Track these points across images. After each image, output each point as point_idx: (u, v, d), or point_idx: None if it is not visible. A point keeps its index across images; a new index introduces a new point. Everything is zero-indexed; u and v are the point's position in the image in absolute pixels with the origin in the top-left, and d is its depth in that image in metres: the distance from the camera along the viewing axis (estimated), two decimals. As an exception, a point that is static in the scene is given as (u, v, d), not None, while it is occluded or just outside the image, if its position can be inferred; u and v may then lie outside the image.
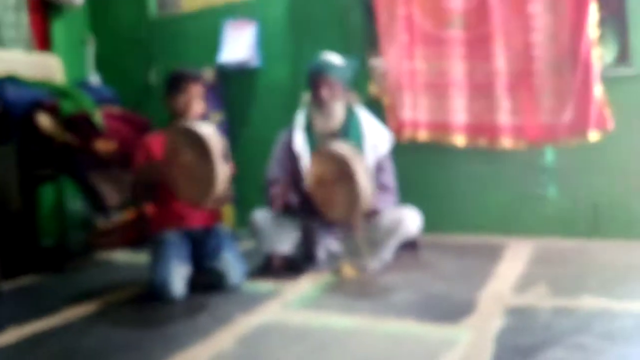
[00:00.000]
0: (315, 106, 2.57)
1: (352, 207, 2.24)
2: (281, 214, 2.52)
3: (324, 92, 2.53)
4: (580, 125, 2.57)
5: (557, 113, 2.64)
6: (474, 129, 2.81)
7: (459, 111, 2.82)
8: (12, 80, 2.89)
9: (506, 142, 2.76)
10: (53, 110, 2.75)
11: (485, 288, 2.06)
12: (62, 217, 2.94)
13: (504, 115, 2.74)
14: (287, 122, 2.73)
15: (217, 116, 3.50)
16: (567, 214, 2.82)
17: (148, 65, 3.82)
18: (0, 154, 2.82)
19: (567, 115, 2.60)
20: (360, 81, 3.03)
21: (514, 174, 2.91)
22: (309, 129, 2.61)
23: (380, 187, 2.56)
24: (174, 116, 2.38)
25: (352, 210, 2.25)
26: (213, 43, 3.55)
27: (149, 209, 2.52)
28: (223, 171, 1.97)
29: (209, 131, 2.02)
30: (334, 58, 2.59)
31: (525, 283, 2.09)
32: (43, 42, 3.63)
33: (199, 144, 1.98)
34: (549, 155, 2.81)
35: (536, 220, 2.88)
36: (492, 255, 2.57)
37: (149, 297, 2.19)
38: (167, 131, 2.15)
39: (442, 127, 2.86)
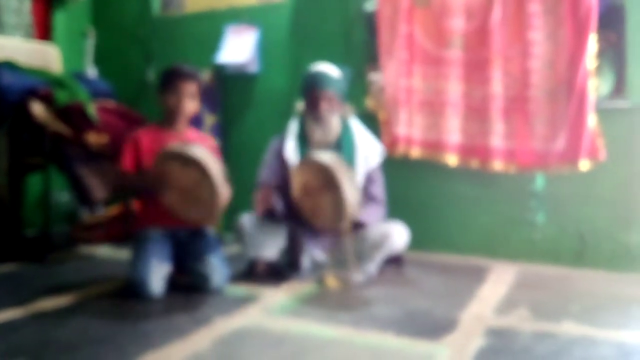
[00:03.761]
0: (312, 118, 2.57)
1: (339, 215, 2.24)
2: (265, 218, 2.51)
3: (322, 106, 2.53)
4: (572, 154, 2.58)
5: (549, 140, 2.65)
6: (467, 150, 2.83)
7: (453, 131, 2.83)
8: (8, 65, 2.86)
9: (498, 165, 2.77)
10: (47, 99, 2.72)
11: (467, 308, 2.06)
12: (47, 207, 2.90)
13: (497, 139, 2.76)
14: (282, 129, 2.73)
15: (212, 118, 3.49)
16: (554, 240, 2.83)
17: (147, 63, 3.81)
18: (-9, 140, 2.80)
19: (560, 143, 2.62)
20: (357, 94, 3.05)
21: (503, 197, 2.92)
22: (302, 137, 2.62)
23: (370, 198, 2.57)
24: (166, 114, 2.37)
25: (339, 219, 2.25)
26: (213, 45, 3.55)
27: (134, 205, 2.50)
28: (224, 193, 2.08)
29: (203, 153, 2.07)
30: (330, 69, 2.60)
31: (507, 305, 2.09)
32: (43, 31, 3.63)
33: (196, 166, 2.04)
34: (539, 182, 2.82)
35: (522, 245, 2.89)
36: (476, 276, 2.57)
37: (128, 293, 2.16)
38: (160, 153, 2.14)
39: (435, 145, 2.86)
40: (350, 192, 2.22)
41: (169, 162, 2.11)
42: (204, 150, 2.12)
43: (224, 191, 2.08)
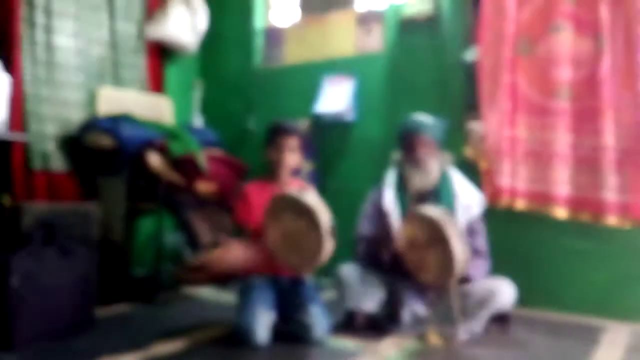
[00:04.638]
0: (410, 165, 2.57)
1: (446, 271, 2.21)
2: (366, 267, 2.52)
3: (420, 151, 2.54)
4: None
5: (667, 195, 2.50)
6: (577, 203, 2.71)
7: (562, 183, 2.73)
8: (127, 118, 3.12)
9: (611, 219, 2.63)
10: (162, 150, 2.92)
11: (584, 376, 1.94)
12: (158, 250, 3.08)
13: (610, 192, 2.62)
14: (377, 178, 2.74)
15: (309, 165, 3.58)
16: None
17: (248, 112, 4.01)
18: (111, 185, 3.03)
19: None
20: (456, 143, 3.02)
21: (615, 252, 2.75)
22: (400, 188, 2.62)
23: (473, 251, 2.50)
24: (270, 167, 2.48)
25: (446, 274, 2.21)
26: (311, 95, 3.68)
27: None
28: (329, 246, 2.09)
29: (318, 203, 2.12)
30: (425, 118, 2.61)
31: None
32: (157, 84, 3.91)
33: (308, 215, 2.08)
34: (656, 238, 2.64)
35: (636, 304, 2.70)
36: (589, 338, 2.42)
37: (234, 340, 2.23)
38: (274, 197, 2.23)
39: (542, 197, 2.77)
40: (459, 248, 2.18)
41: (282, 204, 2.18)
42: (318, 200, 2.16)
43: (328, 245, 2.11)
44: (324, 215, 2.10)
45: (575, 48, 2.73)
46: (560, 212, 2.73)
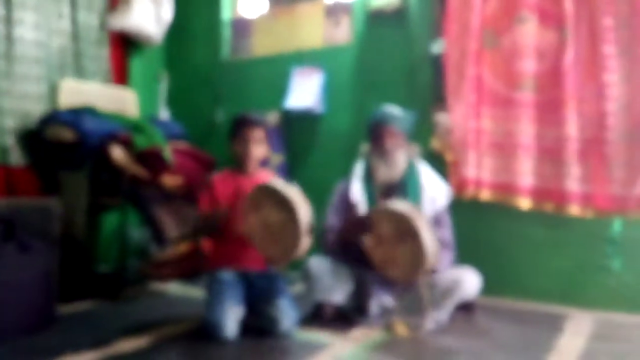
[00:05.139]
0: (378, 155, 2.58)
1: (416, 266, 2.19)
2: (333, 258, 2.52)
3: (388, 142, 2.55)
4: (652, 199, 2.48)
5: (628, 185, 2.55)
6: (541, 193, 2.75)
7: (526, 173, 2.77)
8: (89, 111, 3.04)
9: (574, 209, 2.68)
10: (126, 143, 2.86)
11: (547, 363, 1.98)
12: (122, 246, 3.02)
13: (573, 182, 2.68)
14: (346, 170, 2.74)
15: (278, 158, 3.56)
16: (632, 288, 2.69)
17: (216, 105, 3.96)
18: (73, 179, 2.96)
19: (639, 188, 2.51)
20: (423, 135, 3.04)
21: (577, 241, 2.81)
22: (368, 179, 2.62)
23: (439, 242, 2.52)
24: (237, 160, 2.45)
25: (416, 269, 2.20)
26: (280, 88, 3.65)
27: (206, 245, 2.57)
28: (306, 242, 2.06)
29: (300, 198, 2.09)
30: (394, 110, 2.62)
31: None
32: (120, 76, 3.83)
33: (288, 208, 2.06)
34: (616, 226, 2.70)
35: (599, 292, 2.76)
36: (552, 326, 2.46)
37: (202, 334, 2.20)
38: (259, 185, 2.20)
39: (507, 188, 2.81)
40: (430, 242, 2.17)
41: (265, 195, 2.15)
42: (300, 195, 2.13)
43: (305, 242, 2.08)
44: (304, 211, 2.07)
45: (540, 40, 2.76)
46: (524, 203, 2.78)
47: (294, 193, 2.10)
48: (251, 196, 2.18)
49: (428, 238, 2.16)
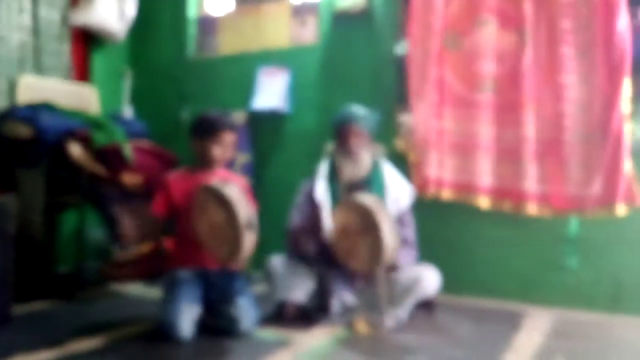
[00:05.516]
0: (342, 155, 2.60)
1: (375, 259, 2.22)
2: (296, 259, 2.51)
3: (353, 141, 2.57)
4: (607, 199, 2.54)
5: (585, 184, 2.61)
6: (499, 193, 2.80)
7: (485, 173, 2.81)
8: (47, 107, 2.97)
9: (532, 208, 2.73)
10: (85, 140, 2.80)
11: (503, 359, 2.00)
12: (81, 246, 2.95)
13: (531, 182, 2.72)
14: (312, 169, 2.74)
15: (244, 158, 3.54)
16: (588, 286, 2.76)
17: (181, 103, 3.91)
18: (30, 177, 2.88)
19: (595, 188, 2.57)
20: (387, 135, 3.06)
21: (536, 240, 2.87)
22: (332, 179, 2.63)
23: (401, 241, 2.54)
24: (204, 160, 2.40)
25: (375, 262, 2.23)
26: (246, 87, 3.63)
27: (167, 244, 2.53)
28: (249, 239, 2.02)
29: (238, 196, 2.06)
30: (359, 110, 2.63)
31: (544, 356, 2.02)
32: (82, 72, 3.75)
33: (226, 207, 2.03)
34: (574, 226, 2.77)
35: (557, 290, 2.83)
36: (510, 323, 2.50)
37: (157, 335, 2.16)
38: (200, 188, 2.16)
39: (467, 187, 2.84)
40: (389, 236, 2.20)
41: (207, 196, 2.12)
42: (240, 193, 2.11)
43: (247, 238, 2.03)
44: (243, 209, 2.03)
45: (500, 42, 2.81)
46: (484, 202, 2.81)
47: (231, 191, 2.07)
48: (196, 198, 2.15)
49: (388, 232, 2.19)
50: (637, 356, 2.04)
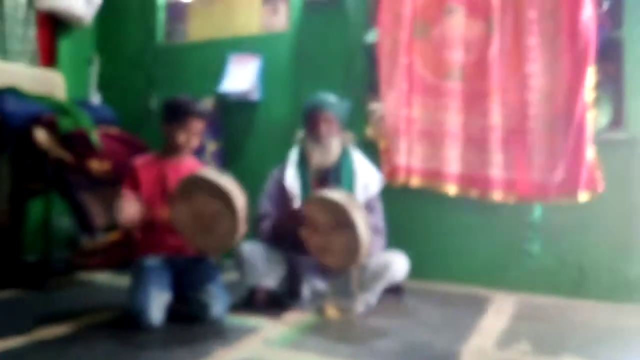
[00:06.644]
0: (312, 141, 2.61)
1: (351, 255, 2.22)
2: (267, 245, 2.52)
3: (322, 127, 2.58)
4: (570, 185, 2.61)
5: (548, 171, 2.68)
6: (466, 180, 2.85)
7: (453, 161, 2.86)
8: (12, 92, 2.90)
9: (497, 195, 2.79)
10: (51, 126, 2.75)
11: (468, 341, 2.05)
12: (47, 233, 2.90)
13: (496, 169, 2.78)
14: (283, 157, 2.74)
15: (214, 145, 3.52)
16: (552, 271, 2.84)
17: (149, 90, 3.86)
18: (-7, 164, 2.82)
19: (558, 174, 2.64)
20: (357, 123, 3.08)
21: (501, 226, 2.94)
22: (302, 165, 2.64)
23: (370, 228, 2.56)
24: (170, 145, 2.39)
25: (351, 258, 2.23)
26: (216, 74, 3.60)
27: (135, 232, 2.51)
28: (243, 231, 2.05)
29: (235, 187, 2.07)
30: (330, 97, 2.64)
31: (508, 338, 2.09)
32: (48, 57, 3.67)
33: (223, 198, 2.03)
34: (537, 212, 2.84)
35: (521, 275, 2.90)
36: (476, 307, 2.56)
37: (127, 322, 2.15)
38: (189, 176, 2.14)
39: (435, 175, 2.89)
40: (365, 234, 2.19)
41: (197, 185, 2.10)
42: (234, 183, 2.11)
43: (242, 230, 2.06)
44: (240, 200, 2.05)
45: (467, 31, 2.85)
46: (451, 189, 2.87)
47: (227, 182, 2.08)
48: (181, 187, 2.13)
49: (363, 229, 2.19)
50: (599, 338, 2.11)
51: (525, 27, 2.73)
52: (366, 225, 2.23)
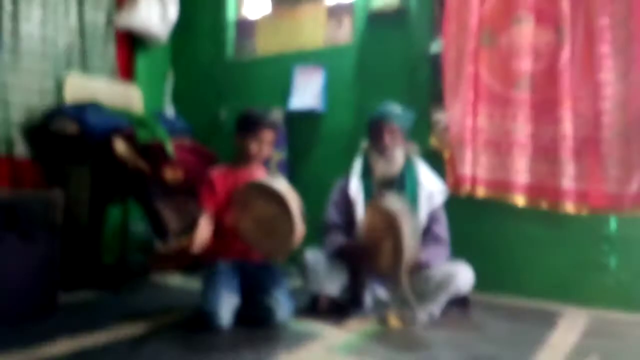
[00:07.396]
0: (377, 152, 2.63)
1: (395, 262, 2.25)
2: (333, 257, 2.56)
3: (387, 138, 2.60)
4: (646, 197, 2.49)
5: (623, 183, 2.57)
6: (536, 191, 2.78)
7: (522, 171, 2.80)
8: (94, 106, 3.11)
9: (569, 206, 2.70)
10: (129, 138, 2.91)
11: (536, 356, 1.99)
12: (124, 238, 3.07)
13: (568, 180, 2.70)
14: (347, 167, 2.78)
15: (279, 155, 3.61)
16: (627, 286, 2.71)
17: (219, 103, 4.02)
18: (76, 174, 3.02)
19: (634, 185, 2.53)
20: (421, 133, 3.07)
21: (573, 239, 2.83)
22: (366, 175, 2.66)
23: (433, 238, 2.55)
24: (242, 156, 2.48)
25: (395, 266, 2.25)
26: (282, 86, 3.71)
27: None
28: (300, 230, 2.11)
29: (287, 189, 2.14)
30: (394, 108, 2.66)
31: (578, 355, 2.01)
32: (127, 73, 3.90)
33: (278, 200, 2.10)
34: (612, 224, 2.72)
35: (594, 289, 2.78)
36: (546, 322, 2.48)
37: (198, 323, 2.24)
38: (245, 185, 2.23)
39: (502, 185, 2.84)
40: (410, 242, 2.22)
41: (253, 192, 2.19)
42: (287, 185, 2.18)
43: (299, 229, 2.13)
44: (294, 201, 2.12)
45: (536, 39, 2.79)
46: (520, 200, 2.80)
47: (279, 184, 2.15)
48: (237, 196, 2.22)
49: (409, 238, 2.21)
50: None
51: (597, 35, 2.65)
52: (413, 232, 2.25)
